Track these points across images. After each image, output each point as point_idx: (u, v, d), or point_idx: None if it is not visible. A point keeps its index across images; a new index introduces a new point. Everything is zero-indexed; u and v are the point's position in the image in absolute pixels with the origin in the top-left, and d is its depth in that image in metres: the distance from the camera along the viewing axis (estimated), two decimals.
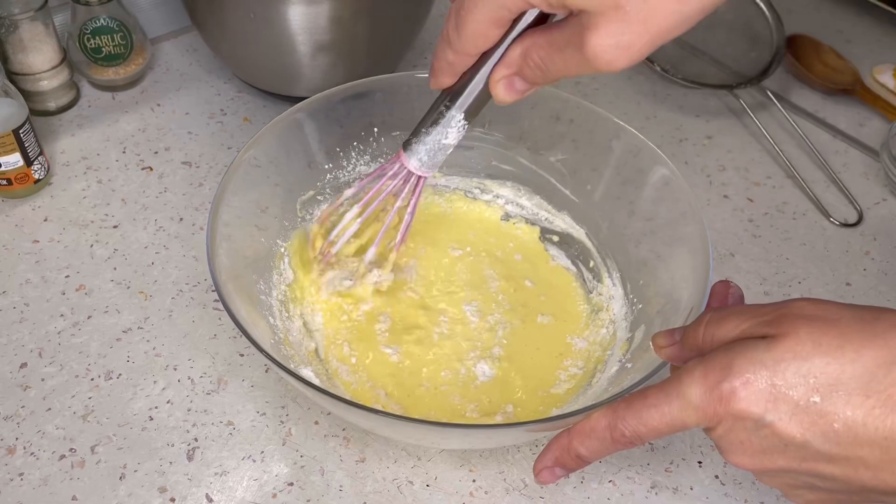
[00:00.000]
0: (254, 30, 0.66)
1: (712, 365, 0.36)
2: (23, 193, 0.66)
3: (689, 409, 0.36)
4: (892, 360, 0.33)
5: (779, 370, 0.34)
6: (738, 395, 0.35)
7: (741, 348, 0.36)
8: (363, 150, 0.61)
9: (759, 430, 0.35)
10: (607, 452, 0.40)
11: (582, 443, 0.40)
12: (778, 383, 0.34)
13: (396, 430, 0.47)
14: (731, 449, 0.37)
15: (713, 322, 0.38)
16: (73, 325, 0.58)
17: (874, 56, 0.86)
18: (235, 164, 0.52)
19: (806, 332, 0.35)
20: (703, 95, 0.80)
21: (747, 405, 0.35)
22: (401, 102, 0.60)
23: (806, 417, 0.34)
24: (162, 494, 0.50)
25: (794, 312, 0.36)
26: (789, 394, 0.34)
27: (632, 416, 0.38)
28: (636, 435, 0.38)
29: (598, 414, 0.40)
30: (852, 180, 0.73)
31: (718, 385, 0.35)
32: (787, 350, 0.35)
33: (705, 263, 0.48)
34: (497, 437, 0.48)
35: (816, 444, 0.35)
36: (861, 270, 0.66)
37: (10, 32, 0.67)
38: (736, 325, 0.37)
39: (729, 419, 0.36)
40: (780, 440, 0.35)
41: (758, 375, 0.35)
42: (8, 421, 0.52)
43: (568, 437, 0.41)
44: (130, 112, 0.74)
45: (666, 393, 0.37)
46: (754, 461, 0.37)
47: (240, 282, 0.50)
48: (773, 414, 0.35)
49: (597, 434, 0.40)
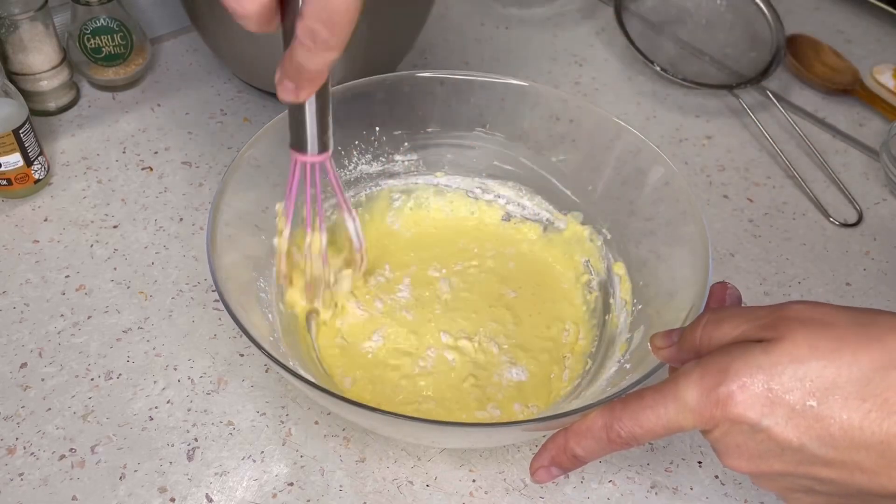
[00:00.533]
0: None
1: (709, 368, 0.36)
2: (23, 193, 0.66)
3: (685, 411, 0.36)
4: (888, 364, 0.33)
5: (775, 374, 0.34)
6: (735, 398, 0.35)
7: (738, 352, 0.36)
8: (364, 149, 0.61)
9: (756, 435, 0.35)
10: (603, 453, 0.40)
11: (578, 443, 0.41)
12: (774, 387, 0.34)
13: (396, 428, 0.47)
14: (727, 452, 0.37)
15: (710, 324, 0.38)
16: (73, 325, 0.58)
17: (874, 56, 0.86)
18: (235, 163, 0.52)
19: (802, 335, 0.35)
20: (703, 95, 0.80)
21: (744, 409, 0.35)
22: (402, 102, 0.60)
23: (802, 421, 0.34)
24: (162, 494, 0.50)
25: (790, 315, 0.36)
26: (786, 398, 0.34)
27: (628, 417, 0.38)
28: (632, 436, 0.38)
29: (595, 414, 0.40)
30: (852, 180, 0.73)
31: (715, 389, 0.35)
32: (783, 353, 0.34)
33: (705, 263, 0.48)
34: (496, 437, 0.48)
35: (813, 448, 0.34)
36: (861, 270, 0.66)
37: (10, 32, 0.67)
38: (733, 328, 0.37)
39: (725, 423, 0.36)
40: (776, 444, 0.35)
41: (754, 379, 0.35)
42: (8, 421, 0.52)
43: (564, 436, 0.41)
44: (130, 112, 0.74)
45: (663, 395, 0.37)
46: (750, 465, 0.36)
47: (240, 280, 0.50)
48: (769, 418, 0.35)
49: (593, 434, 0.40)
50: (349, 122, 0.60)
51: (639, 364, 0.48)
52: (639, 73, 0.82)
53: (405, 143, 0.62)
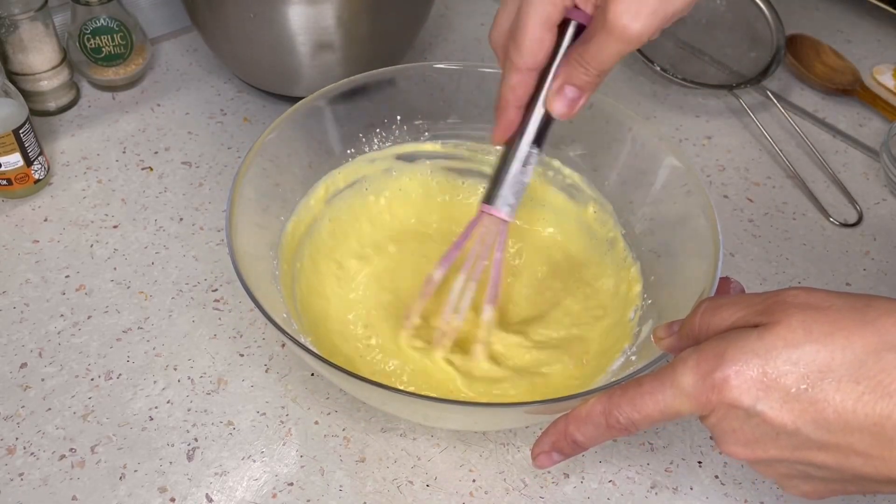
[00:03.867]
0: (254, 30, 0.66)
1: (705, 354, 0.36)
2: (23, 193, 0.66)
3: (682, 396, 0.37)
4: (882, 347, 0.34)
5: (770, 358, 0.35)
6: (730, 383, 0.35)
7: (734, 337, 0.36)
8: (385, 136, 0.62)
9: (751, 419, 0.35)
10: (603, 439, 0.41)
11: (578, 428, 0.41)
12: (769, 371, 0.35)
13: (405, 405, 0.47)
14: (724, 438, 0.37)
15: (708, 311, 0.39)
16: (73, 325, 0.58)
17: (874, 56, 0.86)
18: (255, 147, 0.54)
19: (798, 319, 0.35)
20: (703, 95, 0.80)
21: (739, 394, 0.35)
22: (423, 91, 0.62)
23: (797, 405, 0.34)
24: (162, 494, 0.50)
25: (786, 301, 0.36)
26: (780, 381, 0.34)
27: (626, 403, 0.39)
28: (630, 421, 0.39)
29: (594, 400, 0.40)
30: (852, 180, 0.73)
31: (711, 373, 0.36)
32: (778, 338, 0.35)
33: (715, 257, 0.49)
34: (497, 417, 0.48)
35: (808, 432, 0.35)
36: (861, 270, 0.66)
37: (10, 32, 0.67)
38: (730, 315, 0.38)
39: (722, 408, 0.36)
40: (771, 428, 0.35)
41: (749, 364, 0.35)
42: (8, 421, 0.52)
43: (565, 422, 0.42)
44: (130, 112, 0.74)
45: (660, 381, 0.37)
46: (747, 451, 0.37)
47: (257, 260, 0.51)
48: (764, 402, 0.35)
49: (592, 420, 0.40)
50: (370, 110, 0.61)
51: (645, 357, 0.48)
52: (639, 73, 0.82)
53: (426, 133, 0.63)
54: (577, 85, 0.44)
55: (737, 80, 0.79)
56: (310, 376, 0.56)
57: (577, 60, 0.43)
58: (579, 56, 0.43)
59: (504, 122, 0.48)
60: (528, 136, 0.47)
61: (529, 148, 0.47)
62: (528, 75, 0.46)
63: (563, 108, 0.45)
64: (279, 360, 0.57)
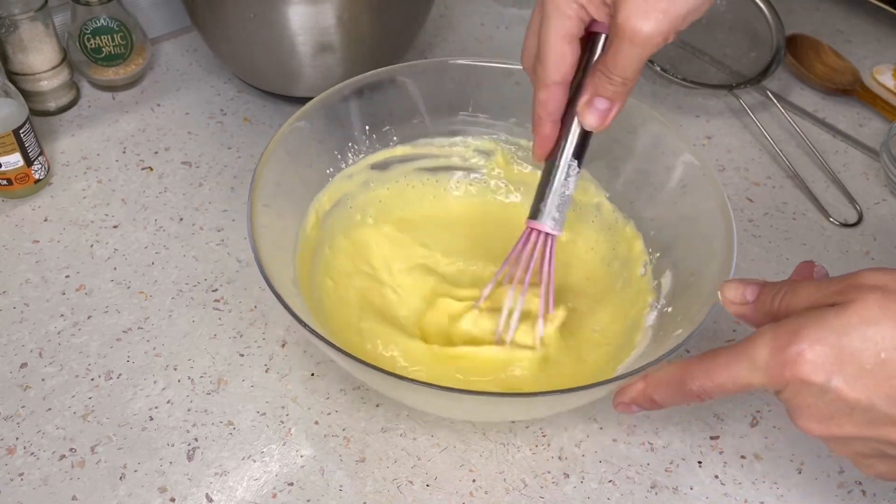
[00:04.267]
0: (254, 30, 0.66)
1: (782, 329, 0.37)
2: (23, 193, 0.66)
3: (756, 370, 0.38)
4: None
5: (844, 335, 0.35)
6: (805, 357, 0.36)
7: (810, 314, 0.37)
8: (358, 149, 0.61)
9: (825, 395, 0.36)
10: (679, 402, 0.43)
11: (655, 390, 0.43)
12: (844, 347, 0.35)
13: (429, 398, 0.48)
14: (798, 413, 0.38)
15: (789, 293, 0.40)
16: (73, 325, 0.58)
17: (874, 56, 0.86)
18: (279, 134, 0.54)
19: (874, 298, 0.36)
20: (702, 95, 0.80)
21: (812, 368, 0.36)
22: (443, 87, 0.62)
23: (871, 380, 0.35)
24: (162, 494, 0.50)
25: (861, 282, 0.37)
26: (855, 357, 0.35)
27: (702, 373, 0.40)
28: (703, 390, 0.40)
29: (673, 366, 0.42)
30: (852, 180, 0.73)
31: (786, 348, 0.36)
32: (853, 315, 0.36)
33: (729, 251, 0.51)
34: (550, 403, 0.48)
35: (882, 407, 0.35)
36: None
37: (10, 32, 0.67)
38: (809, 295, 0.39)
39: (796, 383, 0.37)
40: (845, 404, 0.36)
41: (824, 340, 0.36)
42: (8, 421, 0.52)
43: (644, 382, 0.44)
44: (130, 112, 0.74)
45: (736, 353, 0.39)
46: (821, 427, 0.38)
47: (276, 247, 0.52)
48: (838, 378, 0.36)
49: (670, 384, 0.42)
50: (393, 103, 0.61)
51: (679, 307, 0.51)
52: None
53: (394, 138, 0.63)
54: (605, 96, 0.45)
55: (737, 80, 0.79)
56: (310, 376, 0.56)
57: (601, 71, 0.44)
58: (602, 66, 0.44)
59: (541, 137, 0.49)
60: (567, 151, 0.48)
61: (569, 161, 0.49)
62: (555, 90, 0.46)
63: (595, 120, 0.46)
64: (279, 360, 0.57)
